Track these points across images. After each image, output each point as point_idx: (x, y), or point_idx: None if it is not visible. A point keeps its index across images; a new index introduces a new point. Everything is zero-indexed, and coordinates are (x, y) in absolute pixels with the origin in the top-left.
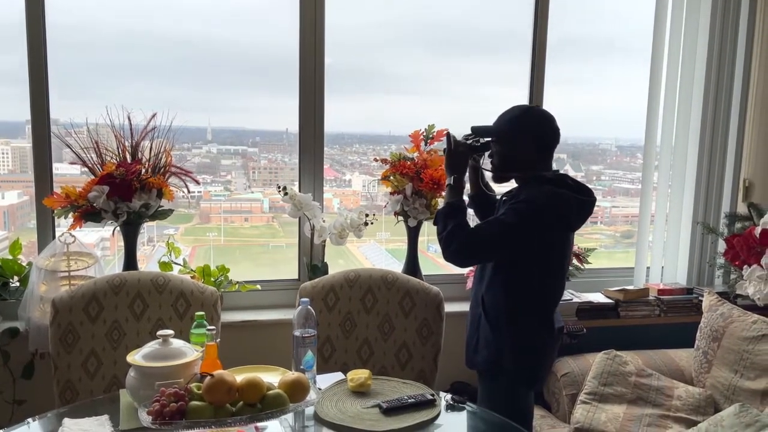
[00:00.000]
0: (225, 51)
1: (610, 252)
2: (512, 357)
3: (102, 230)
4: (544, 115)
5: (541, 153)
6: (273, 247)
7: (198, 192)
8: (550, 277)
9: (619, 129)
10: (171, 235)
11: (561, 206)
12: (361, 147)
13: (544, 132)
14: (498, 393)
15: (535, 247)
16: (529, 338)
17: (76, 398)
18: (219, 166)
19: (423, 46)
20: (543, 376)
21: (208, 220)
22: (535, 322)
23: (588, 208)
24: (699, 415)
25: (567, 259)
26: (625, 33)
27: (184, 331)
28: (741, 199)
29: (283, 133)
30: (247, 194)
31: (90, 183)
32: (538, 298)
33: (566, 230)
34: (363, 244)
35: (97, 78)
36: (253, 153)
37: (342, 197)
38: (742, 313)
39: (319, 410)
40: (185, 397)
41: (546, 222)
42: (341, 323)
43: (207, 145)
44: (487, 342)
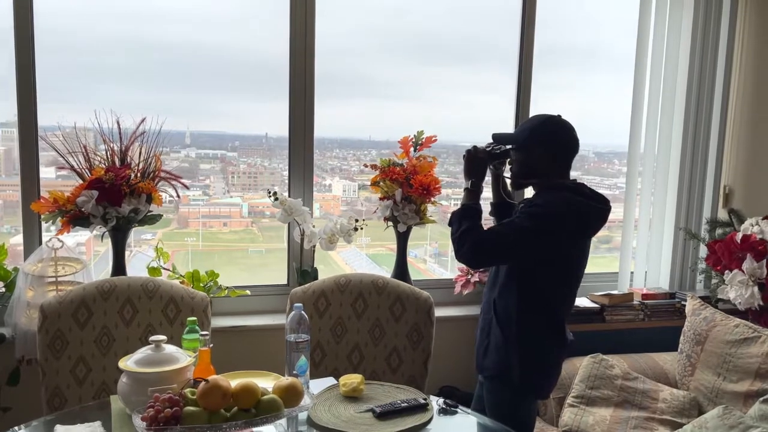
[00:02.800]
0: (204, 55)
1: (593, 257)
2: (520, 365)
3: (77, 235)
4: (562, 125)
5: (558, 162)
6: (252, 252)
7: (176, 197)
8: (563, 287)
9: (597, 136)
10: (149, 240)
11: (575, 213)
12: (342, 152)
13: (561, 142)
14: (504, 400)
15: (547, 253)
16: (538, 347)
17: (65, 405)
18: (198, 171)
19: (406, 52)
20: (550, 386)
21: (187, 224)
22: (546, 331)
23: (604, 216)
24: (683, 417)
25: (581, 269)
26: (607, 42)
27: (174, 336)
28: (722, 205)
29: (263, 137)
30: (226, 199)
31: (78, 188)
32: (550, 307)
33: (580, 238)
34: (344, 250)
35: (79, 81)
36: (232, 157)
37: (322, 202)
38: (724, 317)
39: (312, 415)
40: (180, 403)
41: (559, 228)
42: (332, 328)
43: (185, 149)
44: (497, 347)
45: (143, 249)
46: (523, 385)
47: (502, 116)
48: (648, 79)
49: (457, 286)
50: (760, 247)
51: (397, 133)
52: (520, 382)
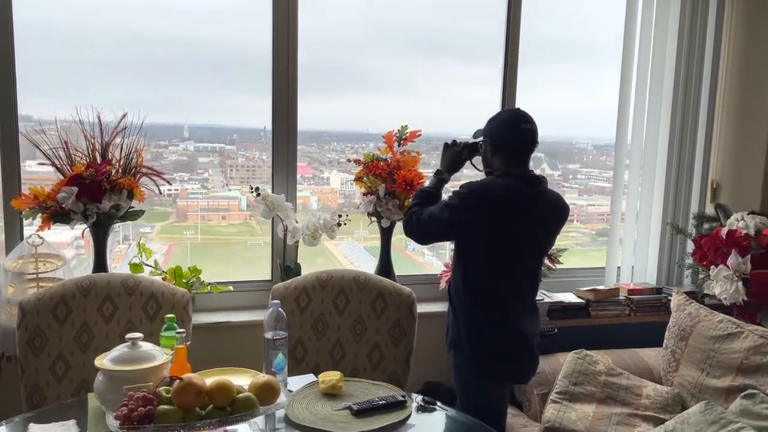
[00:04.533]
0: (202, 49)
1: (586, 250)
2: (469, 342)
3: (75, 229)
4: (508, 119)
5: (501, 155)
6: (251, 246)
7: (175, 190)
8: (492, 267)
9: (595, 129)
10: (145, 234)
11: (485, 198)
12: (340, 145)
13: (502, 135)
14: (459, 377)
15: (468, 235)
16: (482, 325)
17: (44, 402)
18: (196, 164)
19: (400, 46)
20: (507, 370)
21: (185, 218)
22: (485, 309)
23: (531, 198)
24: (666, 413)
25: (511, 250)
26: (599, 36)
27: (154, 333)
28: (709, 200)
29: (261, 130)
30: (225, 192)
31: (59, 184)
32: (484, 286)
33: (497, 220)
34: (341, 243)
35: (69, 76)
36: (231, 151)
37: (320, 195)
38: (708, 313)
39: (289, 413)
40: (153, 401)
41: (469, 211)
42: (313, 324)
43: (184, 142)
44: (451, 325)
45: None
46: (467, 362)
47: (496, 110)
48: (635, 73)
49: (442, 282)
50: (745, 243)
51: (394, 126)
52: (465, 360)
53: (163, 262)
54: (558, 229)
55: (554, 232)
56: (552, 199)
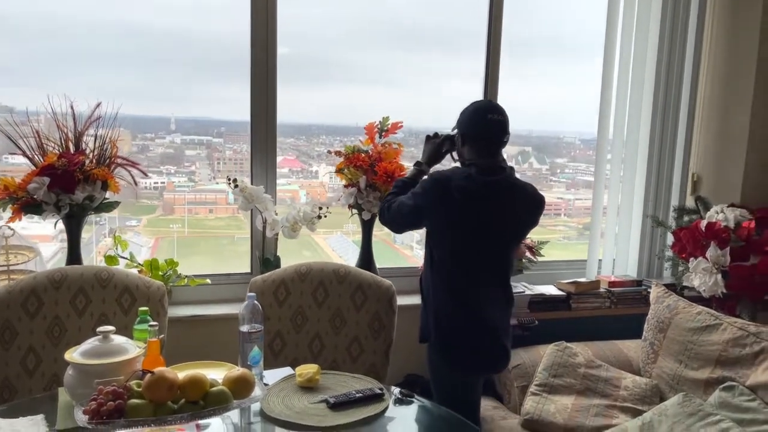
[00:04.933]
0: (188, 40)
1: (573, 244)
2: (431, 330)
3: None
4: (472, 111)
5: (468, 145)
6: (239, 239)
7: (161, 183)
8: (452, 257)
9: (582, 123)
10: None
11: (439, 187)
12: (328, 138)
13: (466, 126)
14: (430, 366)
15: (427, 224)
16: (440, 314)
17: (15, 396)
18: (183, 157)
19: (387, 39)
20: (463, 359)
21: (172, 211)
22: (445, 297)
23: (492, 188)
24: (645, 405)
25: (468, 241)
26: (584, 30)
27: (129, 326)
28: (689, 193)
29: (248, 123)
30: (212, 185)
31: (30, 174)
32: (444, 274)
33: (453, 210)
34: (330, 236)
35: (51, 66)
36: (218, 143)
37: (309, 188)
38: (687, 305)
39: (265, 406)
40: (124, 396)
41: (426, 201)
42: (292, 317)
43: (171, 135)
44: (420, 314)
45: (129, 236)
46: (431, 351)
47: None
48: (617, 67)
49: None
50: (724, 235)
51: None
52: (437, 349)
53: (150, 255)
54: (527, 219)
55: (521, 222)
56: (516, 188)
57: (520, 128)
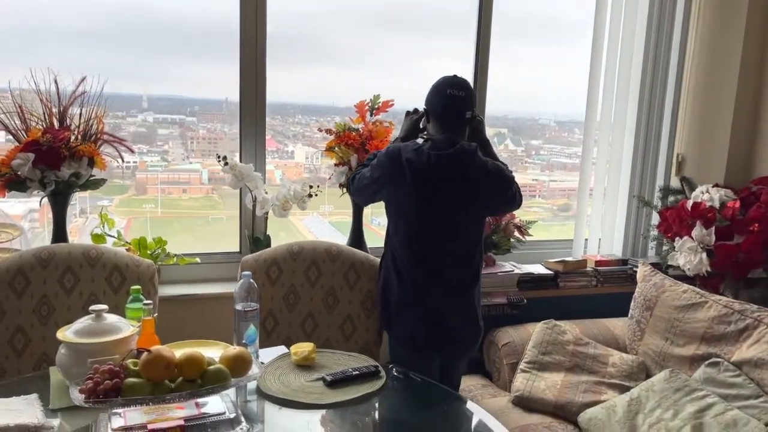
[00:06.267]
0: (162, 17)
1: (548, 225)
2: (380, 299)
3: (30, 201)
4: (435, 86)
5: (432, 120)
6: (213, 220)
7: (133, 162)
8: (399, 232)
9: (558, 105)
10: (104, 206)
11: (391, 160)
12: (304, 118)
13: (429, 101)
14: (391, 344)
15: (381, 197)
16: (382, 286)
17: (3, 377)
18: (156, 136)
19: (368, 19)
20: (402, 335)
21: (145, 191)
22: (387, 273)
23: (441, 161)
24: (632, 381)
25: (417, 216)
26: (566, 11)
27: (119, 305)
28: (674, 173)
29: (223, 102)
30: (186, 165)
31: (14, 150)
32: (392, 248)
33: (403, 183)
34: (306, 217)
35: (24, 42)
36: (192, 122)
37: (285, 169)
38: (673, 283)
39: (262, 384)
40: (120, 374)
41: (379, 174)
42: (284, 296)
43: (143, 113)
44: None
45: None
46: (384, 322)
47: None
48: (605, 50)
49: None
50: (710, 215)
51: (360, 99)
52: (382, 318)
53: (124, 235)
54: (483, 197)
55: (475, 199)
56: (471, 163)
57: (496, 110)
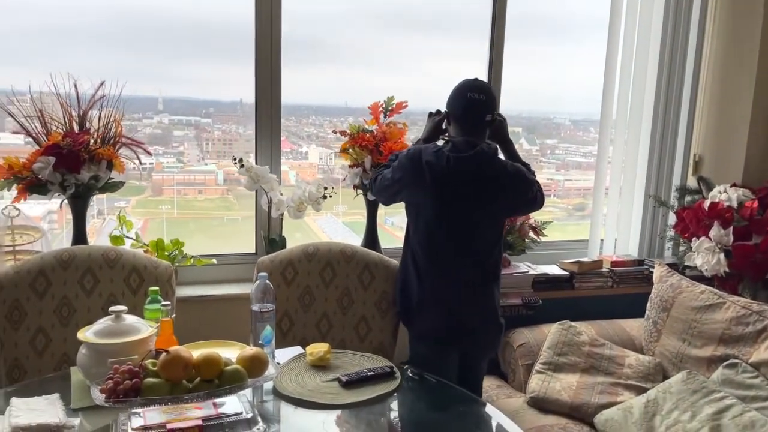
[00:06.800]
0: (177, 19)
1: (564, 224)
2: (396, 296)
3: (49, 203)
4: (457, 87)
5: (453, 122)
6: (228, 221)
7: (150, 164)
8: (418, 232)
9: (573, 104)
10: (122, 208)
11: (411, 162)
12: (318, 119)
13: (450, 103)
14: (410, 339)
15: (401, 197)
16: (401, 283)
17: (25, 377)
18: (171, 137)
19: (381, 20)
20: (420, 331)
21: (161, 192)
22: (406, 271)
23: (459, 164)
24: (648, 382)
25: (434, 217)
26: (581, 10)
27: (137, 306)
28: (691, 173)
29: (237, 103)
30: (201, 166)
31: (35, 154)
32: (411, 247)
33: (422, 185)
34: (320, 218)
35: (42, 45)
36: (207, 124)
37: (299, 170)
38: (690, 284)
39: (278, 385)
40: (140, 374)
41: (400, 175)
42: (300, 297)
43: (158, 115)
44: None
45: (117, 217)
46: (403, 319)
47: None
48: (621, 48)
49: None
50: (727, 215)
51: (373, 100)
52: (401, 316)
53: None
54: (501, 198)
55: (493, 200)
56: (490, 166)
57: (511, 109)
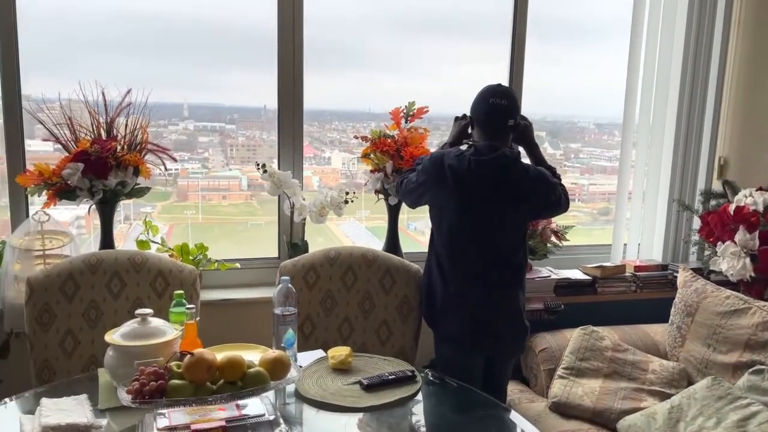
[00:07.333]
0: (201, 27)
1: (589, 229)
2: (422, 298)
3: (77, 208)
4: (481, 92)
5: (476, 127)
6: (252, 225)
7: (175, 169)
8: (441, 234)
9: (597, 107)
10: (148, 213)
11: (434, 166)
12: (341, 124)
13: (474, 107)
14: (435, 341)
15: (424, 200)
16: (427, 287)
17: (54, 378)
18: (196, 143)
19: (403, 24)
20: (453, 330)
21: (186, 197)
22: (431, 274)
23: (480, 167)
24: (672, 388)
25: (457, 219)
26: (604, 12)
27: (163, 310)
28: (716, 177)
29: (261, 109)
30: (225, 172)
31: (64, 160)
32: (435, 249)
33: (445, 188)
34: (343, 222)
35: (70, 53)
36: (231, 130)
37: (321, 175)
38: (715, 289)
39: (300, 387)
40: (165, 376)
41: (424, 178)
42: (321, 301)
43: (183, 121)
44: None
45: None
46: (428, 322)
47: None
48: (643, 50)
49: None
50: (753, 219)
51: (396, 104)
52: (426, 319)
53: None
54: (523, 202)
55: (515, 204)
56: (512, 169)
57: (534, 112)
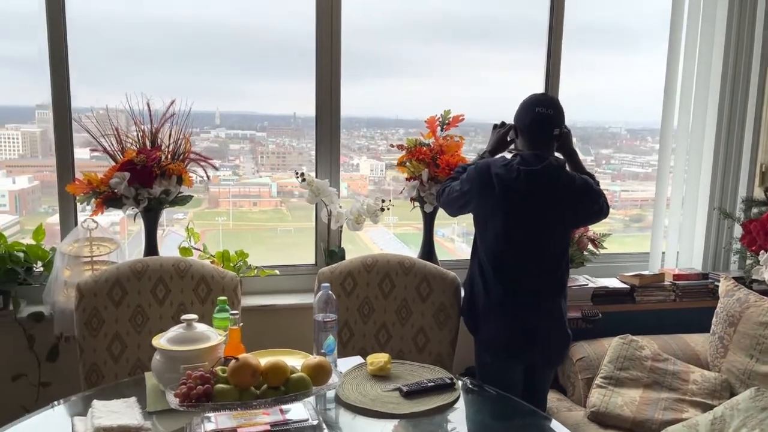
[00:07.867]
0: (233, 36)
1: (621, 236)
2: (464, 307)
3: (111, 215)
4: (526, 101)
5: (521, 136)
6: (281, 232)
7: (207, 177)
8: (485, 242)
9: (629, 113)
10: (181, 220)
11: (480, 175)
12: (369, 131)
13: (519, 116)
14: (474, 347)
15: (468, 208)
16: (468, 294)
17: (101, 381)
18: (227, 151)
19: (432, 31)
20: (495, 337)
21: (217, 204)
22: (476, 277)
23: (529, 178)
24: (715, 399)
25: (503, 227)
26: (640, 17)
27: (205, 315)
28: (758, 184)
29: (291, 117)
30: (256, 179)
31: (111, 169)
32: (479, 256)
33: (491, 197)
34: (371, 229)
35: (109, 63)
36: (261, 137)
37: (350, 182)
38: (758, 298)
39: (340, 393)
40: (211, 380)
41: (469, 187)
42: (359, 308)
43: (215, 129)
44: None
45: (175, 228)
46: (470, 329)
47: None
48: (682, 55)
49: None
50: None
51: (424, 111)
52: (468, 326)
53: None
54: (568, 211)
55: (560, 213)
56: (558, 179)
57: (565, 118)
